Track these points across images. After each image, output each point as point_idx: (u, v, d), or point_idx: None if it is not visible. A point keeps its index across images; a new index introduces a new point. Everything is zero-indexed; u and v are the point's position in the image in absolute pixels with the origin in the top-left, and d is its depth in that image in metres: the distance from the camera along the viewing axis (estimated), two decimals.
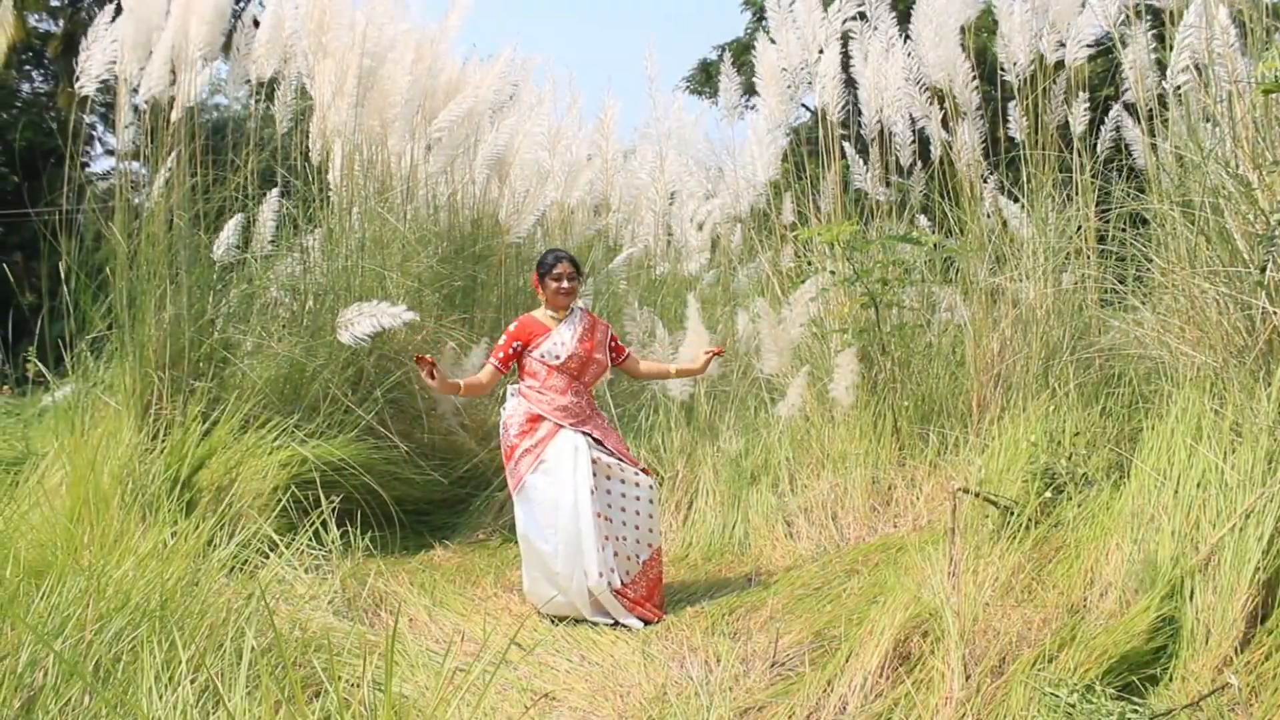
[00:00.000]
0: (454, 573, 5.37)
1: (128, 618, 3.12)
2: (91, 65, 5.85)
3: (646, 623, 4.50)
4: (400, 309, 5.71)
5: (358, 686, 3.29)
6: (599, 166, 9.30)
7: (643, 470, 4.78)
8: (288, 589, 4.16)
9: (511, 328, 4.84)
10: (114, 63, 5.92)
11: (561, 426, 4.67)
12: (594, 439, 4.70)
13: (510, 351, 4.81)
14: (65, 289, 5.79)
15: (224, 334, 6.04)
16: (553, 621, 4.52)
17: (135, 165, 6.82)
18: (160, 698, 2.81)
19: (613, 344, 5.01)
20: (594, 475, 4.61)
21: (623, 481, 4.71)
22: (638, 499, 4.72)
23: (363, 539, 5.00)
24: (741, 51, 18.83)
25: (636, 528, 4.71)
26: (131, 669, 2.93)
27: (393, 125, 7.12)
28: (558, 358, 4.73)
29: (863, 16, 6.72)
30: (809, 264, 7.28)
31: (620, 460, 4.73)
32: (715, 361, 5.80)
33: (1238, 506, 3.54)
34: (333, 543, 4.65)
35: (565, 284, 4.78)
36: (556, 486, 4.57)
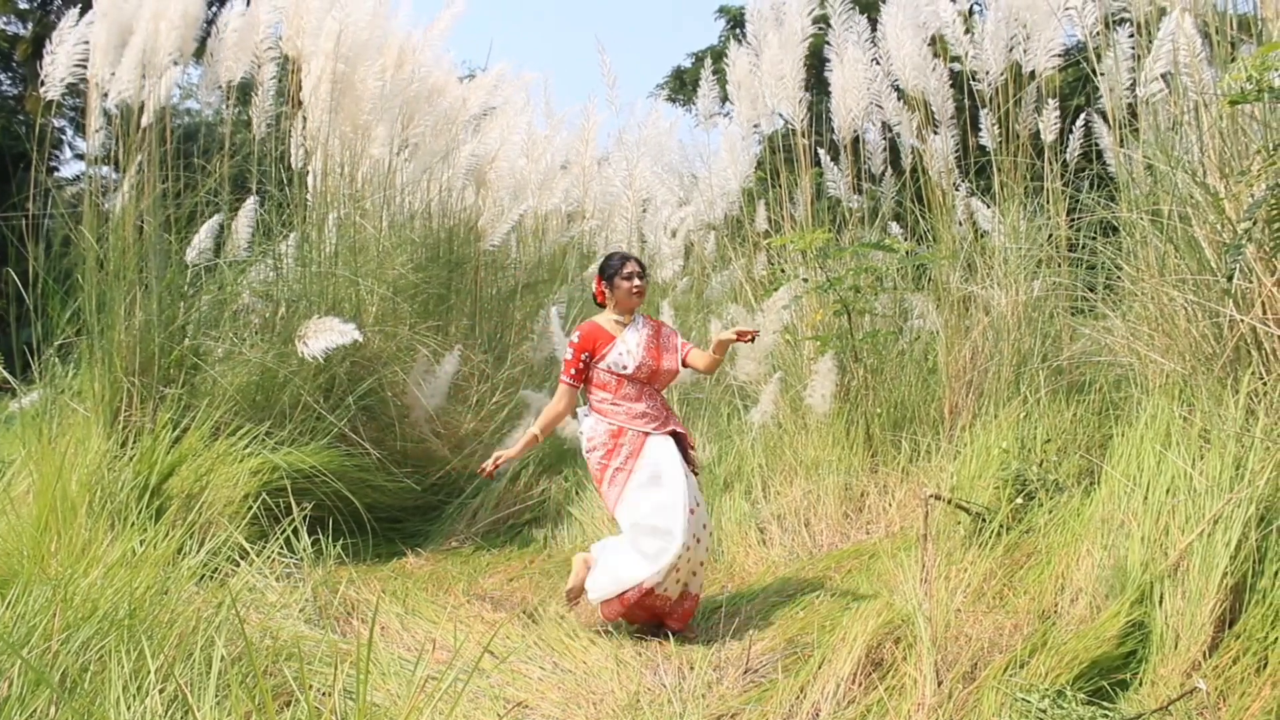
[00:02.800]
0: (426, 580, 5.35)
1: (95, 627, 3.08)
2: (56, 69, 5.81)
3: (675, 632, 4.38)
4: (349, 327, 5.64)
5: (329, 695, 3.27)
6: (576, 173, 9.31)
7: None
8: (259, 597, 4.12)
9: (575, 339, 4.58)
10: (80, 66, 5.88)
11: (647, 434, 4.47)
12: (677, 435, 4.54)
13: (581, 365, 4.56)
14: (32, 294, 5.74)
15: (195, 340, 6.00)
16: (525, 628, 4.49)
17: (105, 170, 6.77)
18: (128, 708, 2.78)
19: (681, 346, 4.74)
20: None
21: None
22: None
23: (334, 546, 4.96)
24: (717, 59, 18.93)
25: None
26: (99, 679, 2.90)
27: (369, 130, 7.10)
28: (625, 368, 4.51)
29: (824, 20, 6.75)
30: (782, 271, 7.30)
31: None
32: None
33: (1206, 512, 3.57)
34: (304, 550, 4.62)
35: (637, 283, 4.58)
36: (658, 483, 4.37)
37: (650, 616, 4.41)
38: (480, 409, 7.17)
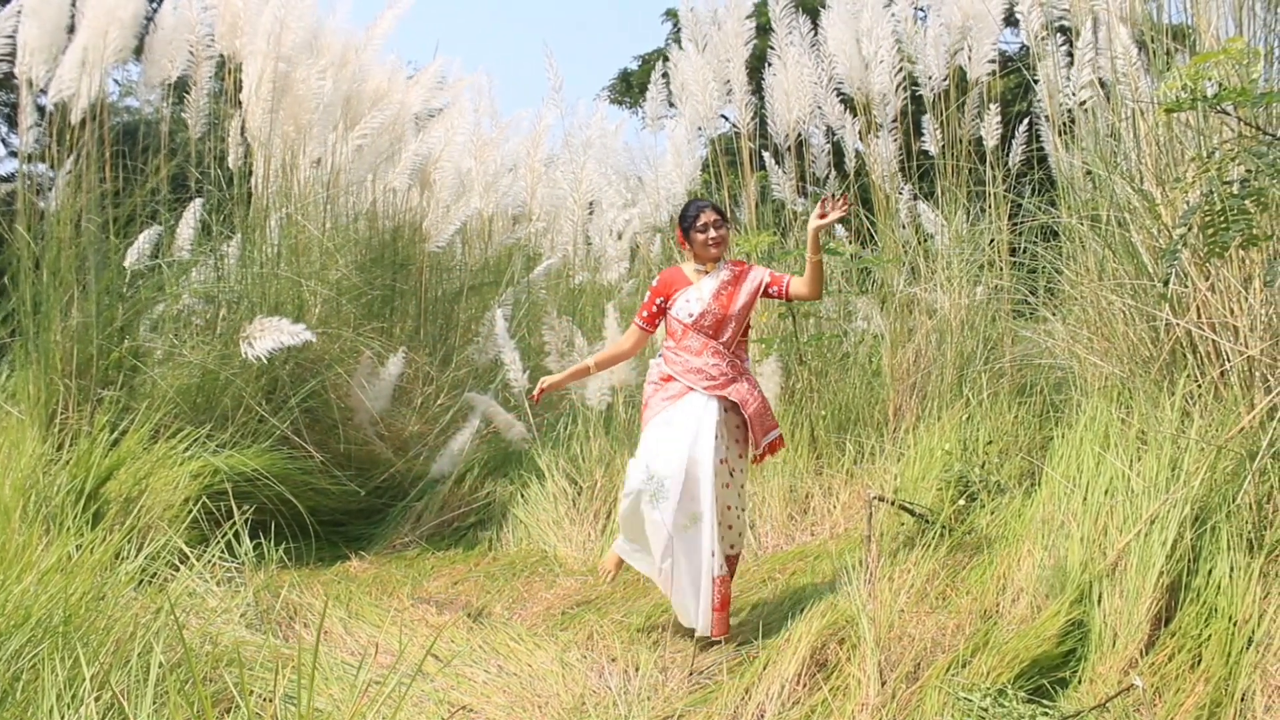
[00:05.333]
0: (370, 584, 5.30)
1: (28, 635, 3.01)
2: None
3: (709, 638, 4.15)
4: (300, 328, 5.56)
5: (270, 701, 3.23)
6: (524, 175, 9.27)
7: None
8: (199, 602, 4.06)
9: (654, 283, 4.42)
10: (7, 60, 5.77)
11: (692, 389, 4.22)
12: (729, 404, 4.24)
13: (655, 309, 4.39)
14: None
15: (134, 341, 5.89)
16: (470, 631, 4.46)
17: (41, 167, 6.64)
18: (62, 717, 2.72)
19: (770, 289, 4.35)
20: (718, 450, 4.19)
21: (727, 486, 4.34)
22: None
23: (276, 550, 4.90)
24: (664, 61, 19.02)
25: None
26: (31, 688, 2.84)
27: (310, 130, 7.02)
28: (690, 315, 4.26)
29: (765, 28, 6.79)
30: None
31: (733, 461, 4.33)
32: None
33: (1143, 513, 3.64)
34: (245, 554, 4.56)
35: (713, 234, 4.27)
36: (680, 442, 4.14)
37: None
38: (425, 411, 7.12)
